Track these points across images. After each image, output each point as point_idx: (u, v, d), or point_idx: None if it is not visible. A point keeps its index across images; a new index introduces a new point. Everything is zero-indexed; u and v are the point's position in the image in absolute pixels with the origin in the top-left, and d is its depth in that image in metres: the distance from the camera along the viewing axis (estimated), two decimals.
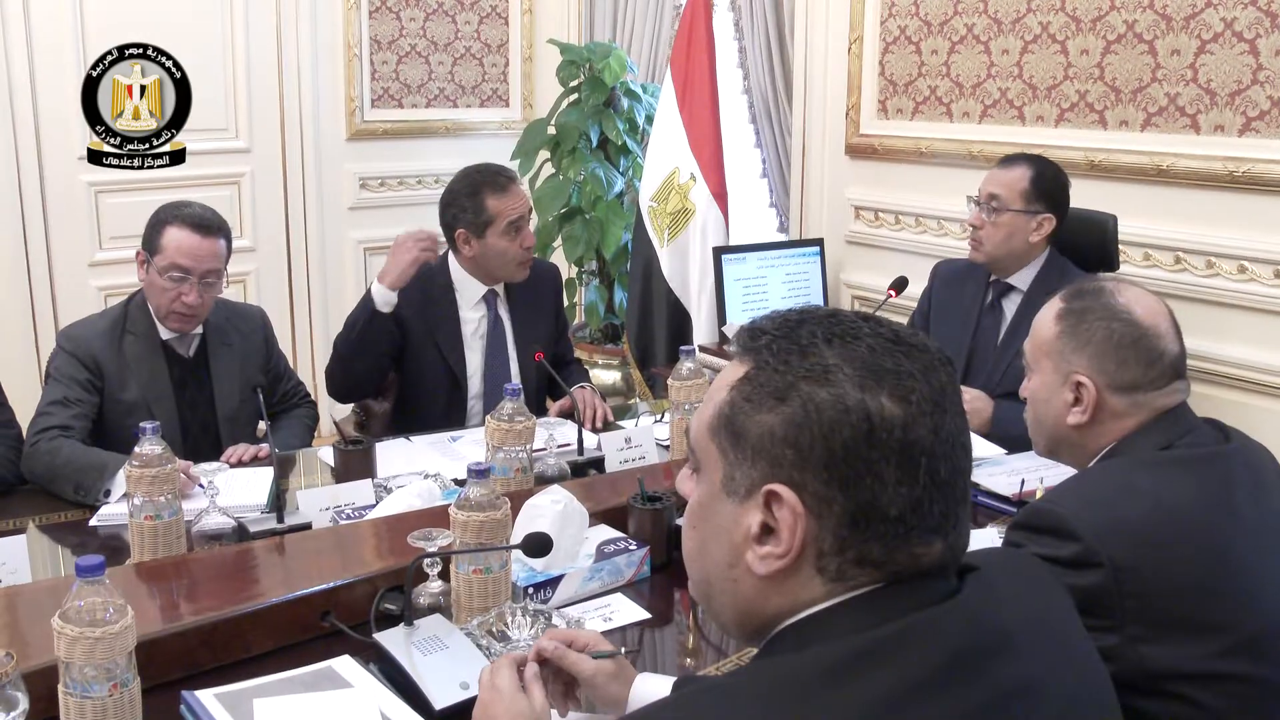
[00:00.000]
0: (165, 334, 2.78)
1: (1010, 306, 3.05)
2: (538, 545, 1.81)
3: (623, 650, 1.34)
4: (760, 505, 0.99)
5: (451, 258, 3.18)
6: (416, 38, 5.35)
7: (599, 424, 3.00)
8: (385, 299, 3.00)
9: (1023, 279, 3.03)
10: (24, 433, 2.66)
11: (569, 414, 2.98)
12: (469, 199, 3.08)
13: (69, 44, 4.45)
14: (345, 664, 1.71)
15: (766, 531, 0.99)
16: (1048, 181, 3.00)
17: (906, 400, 0.96)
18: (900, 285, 3.26)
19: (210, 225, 2.74)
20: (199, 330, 2.83)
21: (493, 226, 3.06)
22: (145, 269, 2.74)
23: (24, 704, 1.43)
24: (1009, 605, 1.02)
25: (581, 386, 3.16)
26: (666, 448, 2.78)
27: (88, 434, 2.64)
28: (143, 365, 2.75)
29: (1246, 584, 1.50)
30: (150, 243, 2.73)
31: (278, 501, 2.32)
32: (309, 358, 5.17)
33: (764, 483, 0.98)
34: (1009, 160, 3.08)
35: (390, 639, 1.72)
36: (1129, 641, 1.45)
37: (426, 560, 1.82)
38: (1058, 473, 2.09)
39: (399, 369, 3.19)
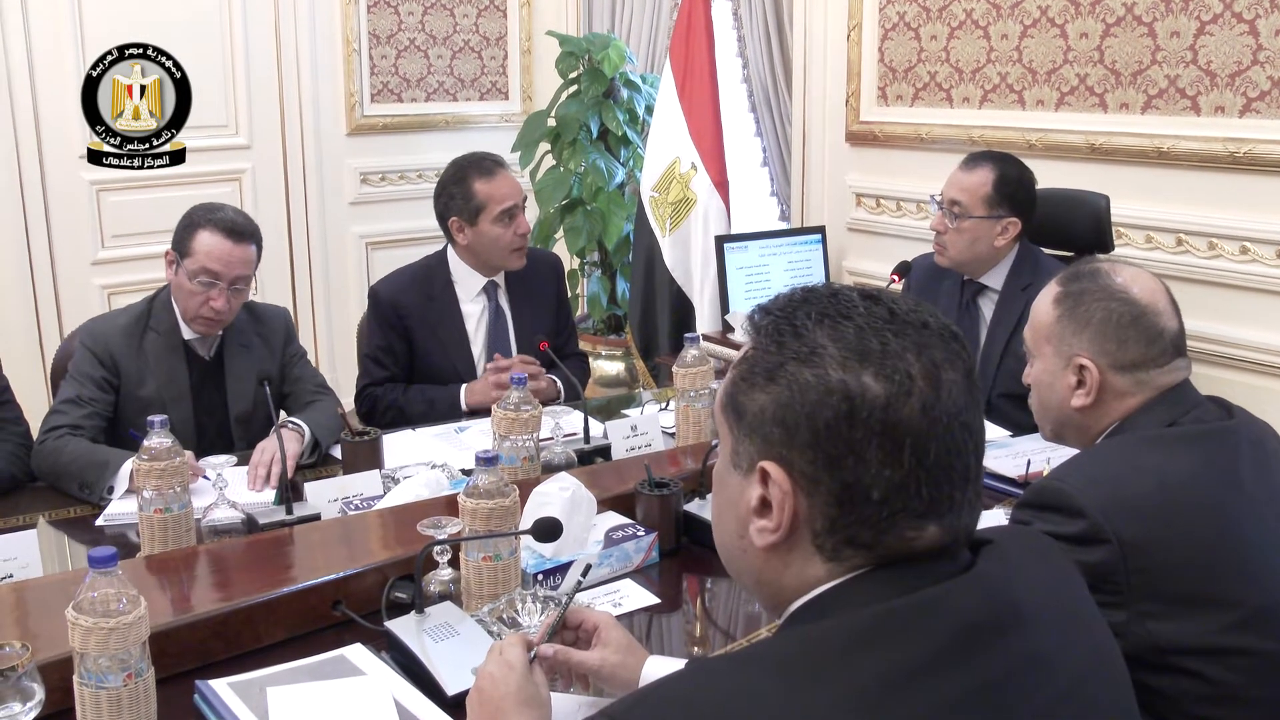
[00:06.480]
0: (188, 334, 2.77)
1: (987, 307, 3.01)
2: (547, 530, 1.81)
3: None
4: (758, 480, 1.01)
5: (450, 252, 3.20)
6: (415, 31, 5.35)
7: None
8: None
9: (995, 279, 2.98)
10: (31, 430, 2.67)
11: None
12: (457, 186, 3.10)
13: (69, 44, 4.46)
14: (357, 652, 1.72)
15: (765, 505, 1.02)
16: (1011, 184, 2.91)
17: (890, 379, 0.97)
18: (903, 270, 3.23)
19: (243, 231, 2.72)
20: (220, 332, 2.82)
21: (485, 212, 3.07)
22: (174, 269, 2.71)
23: (40, 694, 1.45)
24: (1022, 579, 1.03)
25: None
26: (673, 435, 2.78)
27: (100, 432, 2.64)
28: (161, 363, 2.73)
29: (1252, 558, 1.51)
30: (181, 244, 2.70)
31: (286, 494, 2.33)
32: (313, 353, 5.17)
33: (759, 459, 1.01)
34: (971, 161, 3.00)
35: (401, 627, 1.73)
36: (1136, 617, 1.46)
37: (436, 548, 1.83)
38: (1063, 454, 2.07)
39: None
